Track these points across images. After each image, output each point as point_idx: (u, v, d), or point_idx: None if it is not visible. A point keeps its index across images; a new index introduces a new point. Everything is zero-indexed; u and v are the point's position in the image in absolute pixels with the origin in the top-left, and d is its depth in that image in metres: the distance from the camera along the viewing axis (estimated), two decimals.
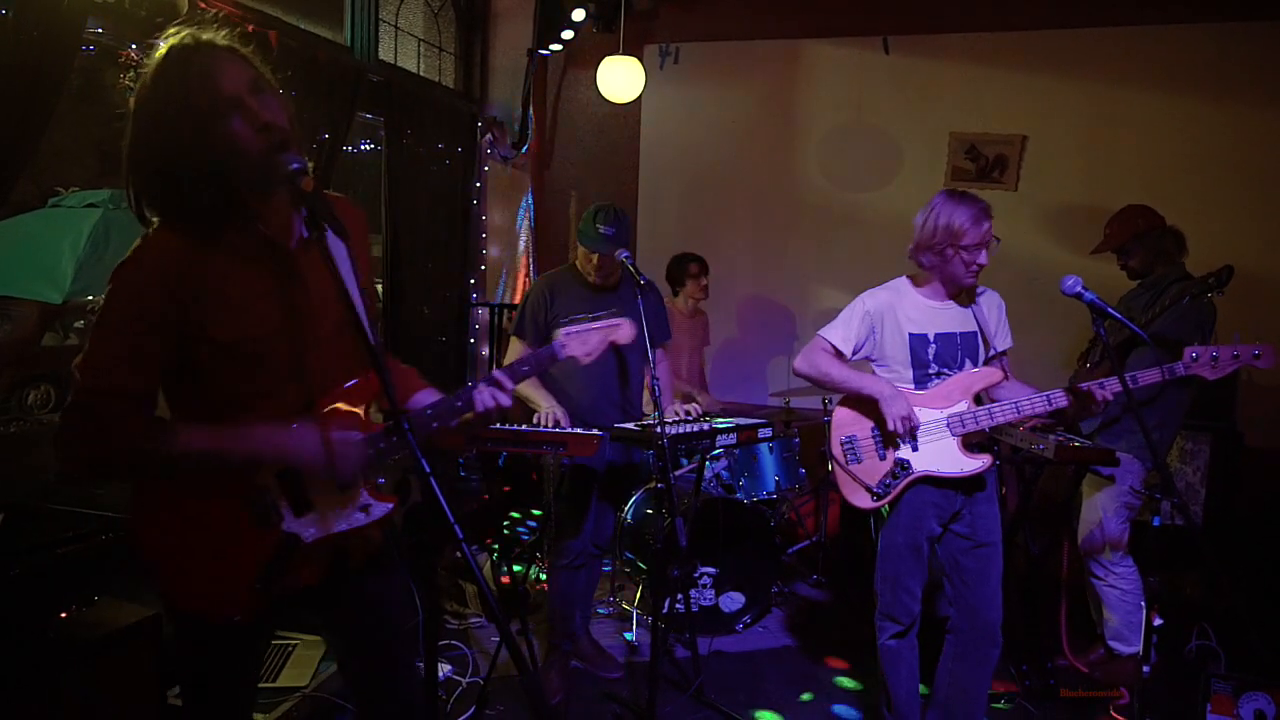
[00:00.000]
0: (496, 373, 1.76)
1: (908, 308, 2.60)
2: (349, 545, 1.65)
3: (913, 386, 2.59)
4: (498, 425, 2.78)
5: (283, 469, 1.54)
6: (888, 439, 2.58)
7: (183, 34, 1.48)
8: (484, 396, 1.72)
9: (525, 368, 1.84)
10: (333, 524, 1.58)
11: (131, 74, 2.93)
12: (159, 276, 1.44)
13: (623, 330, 1.99)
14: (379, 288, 5.10)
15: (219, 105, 1.43)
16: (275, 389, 1.55)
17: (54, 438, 1.43)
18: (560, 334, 1.93)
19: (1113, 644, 3.32)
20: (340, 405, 1.60)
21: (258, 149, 1.44)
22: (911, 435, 2.53)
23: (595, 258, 3.08)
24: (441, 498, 1.16)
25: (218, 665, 1.62)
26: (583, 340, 1.94)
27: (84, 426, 1.43)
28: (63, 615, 2.29)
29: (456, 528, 1.12)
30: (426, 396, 1.78)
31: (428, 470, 1.18)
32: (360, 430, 1.60)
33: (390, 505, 1.66)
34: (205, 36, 1.48)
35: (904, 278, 2.67)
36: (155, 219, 1.50)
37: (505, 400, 1.74)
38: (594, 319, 2.00)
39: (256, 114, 1.44)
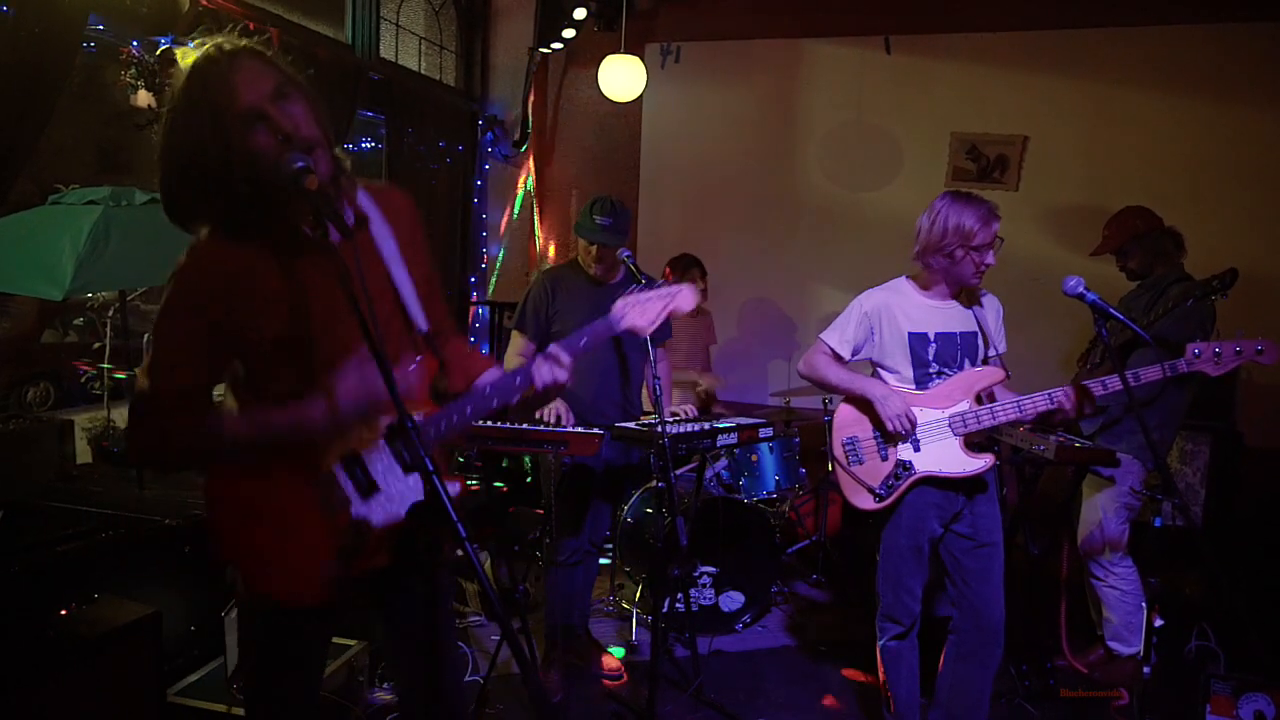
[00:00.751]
0: (553, 347, 1.71)
1: (907, 307, 2.59)
2: (407, 529, 1.66)
3: (913, 386, 2.58)
4: (497, 424, 2.78)
5: (347, 454, 1.57)
6: (889, 439, 2.58)
7: (207, 46, 1.48)
8: (543, 372, 1.70)
9: (584, 340, 1.76)
10: (401, 506, 1.60)
11: (133, 71, 2.94)
12: (214, 276, 1.48)
13: (684, 296, 1.84)
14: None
15: (240, 118, 1.44)
16: (324, 378, 1.55)
17: (125, 436, 1.52)
18: (618, 304, 1.81)
19: (1112, 644, 3.33)
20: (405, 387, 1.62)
21: (276, 158, 1.44)
22: (910, 433, 2.53)
23: (595, 249, 3.07)
24: (445, 496, 1.16)
25: (293, 649, 1.66)
26: (643, 310, 1.80)
27: (149, 428, 1.50)
28: (63, 613, 2.28)
29: (460, 526, 1.11)
30: (492, 375, 1.77)
31: (430, 469, 1.17)
32: (425, 411, 1.63)
33: (458, 485, 1.65)
34: (228, 46, 1.48)
35: (904, 278, 2.67)
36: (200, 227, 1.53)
37: (563, 376, 1.71)
38: (654, 284, 1.88)
39: (278, 124, 1.45)
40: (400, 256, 1.65)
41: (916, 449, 2.55)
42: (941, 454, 2.53)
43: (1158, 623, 2.45)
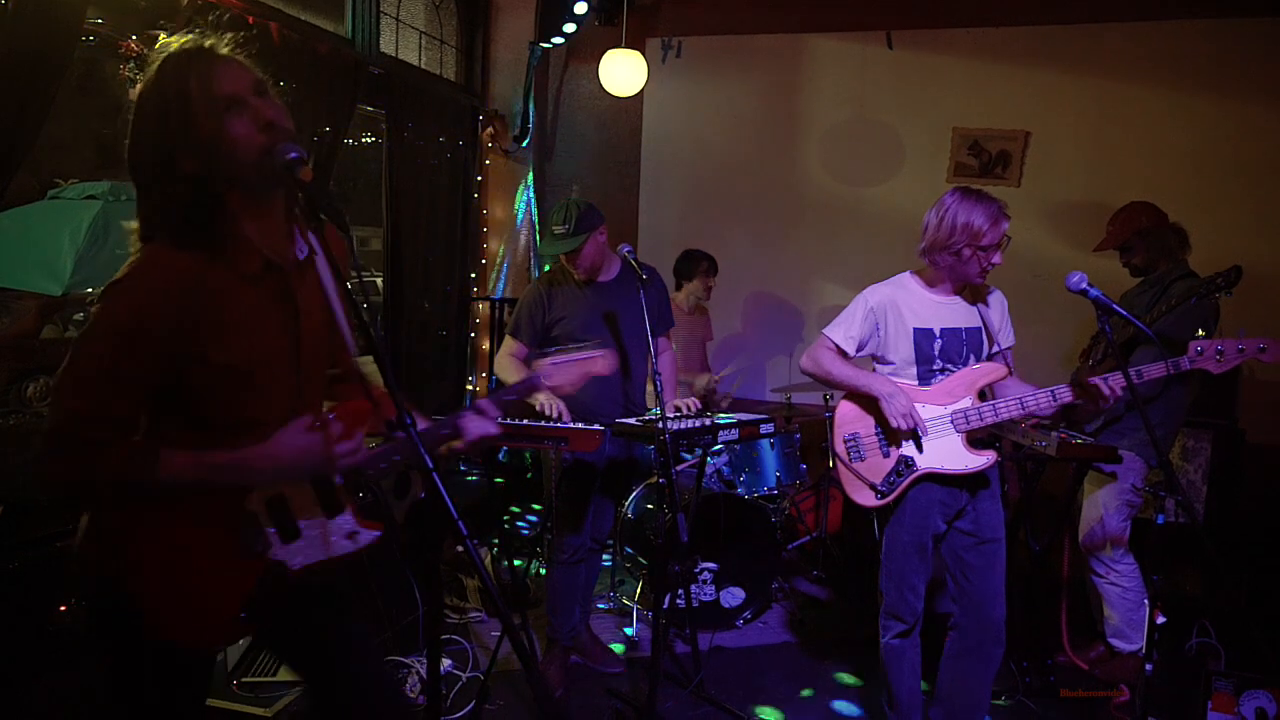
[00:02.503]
0: (481, 402, 1.78)
1: (912, 302, 2.58)
2: (335, 572, 1.59)
3: (917, 382, 2.57)
4: (503, 421, 2.77)
5: (271, 495, 1.50)
6: (891, 436, 2.57)
7: (185, 39, 1.46)
8: (473, 426, 1.73)
9: (510, 396, 1.91)
10: (320, 551, 1.54)
11: (132, 65, 2.93)
12: (160, 296, 1.38)
13: (600, 364, 2.10)
14: (379, 282, 5.10)
15: (217, 103, 1.41)
16: (270, 413, 1.50)
17: (34, 463, 1.37)
18: (545, 364, 2.03)
19: (1113, 641, 3.32)
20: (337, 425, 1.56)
21: (258, 146, 1.41)
22: (913, 434, 2.52)
23: (562, 257, 3.08)
24: (445, 494, 1.15)
25: (184, 692, 1.54)
26: (564, 372, 2.04)
27: (67, 454, 1.35)
28: (62, 609, 2.28)
29: (460, 523, 1.11)
30: (421, 425, 1.72)
31: (430, 466, 1.17)
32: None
33: (378, 533, 1.61)
34: (208, 43, 1.46)
35: (908, 273, 2.66)
36: (154, 234, 1.45)
37: (493, 429, 1.76)
38: (578, 348, 2.12)
39: (259, 111, 1.42)
40: (335, 292, 1.59)
41: (919, 446, 2.54)
42: (944, 451, 2.53)
43: (1160, 620, 2.44)
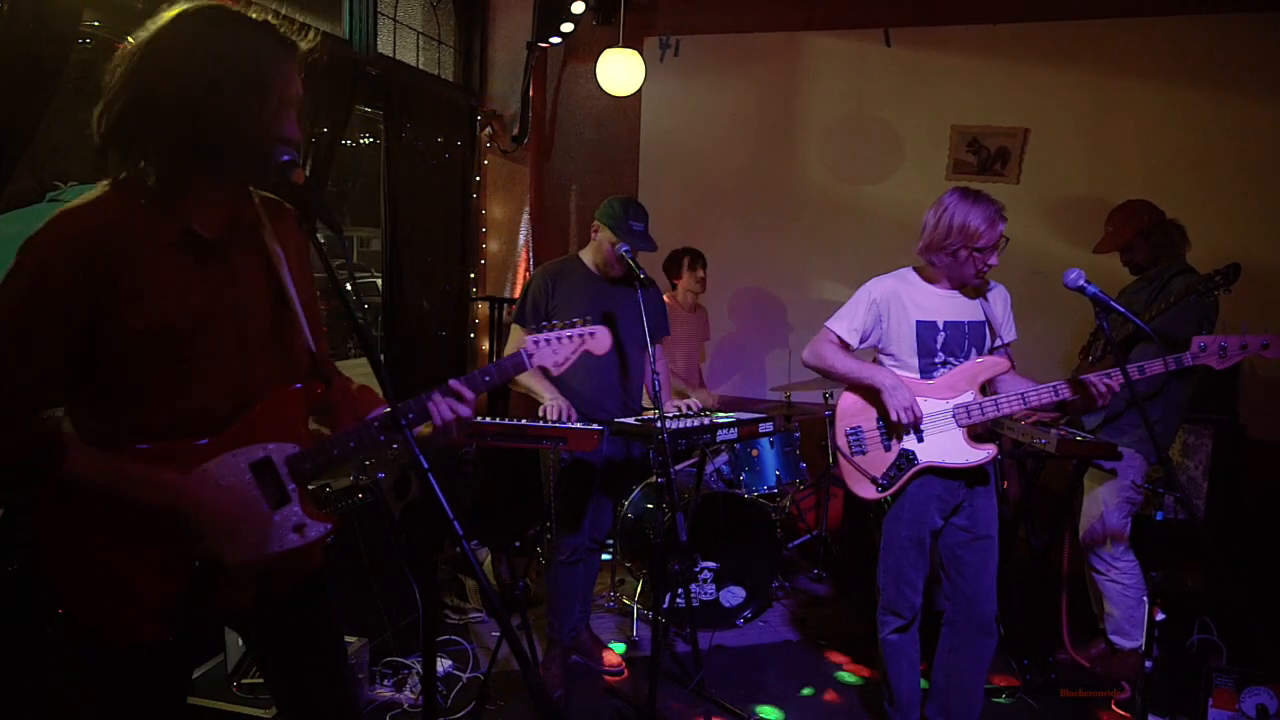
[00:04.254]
0: (453, 382, 1.61)
1: (916, 295, 2.58)
2: (282, 568, 1.53)
3: (918, 375, 2.57)
4: (501, 420, 2.77)
5: None
6: (892, 430, 2.57)
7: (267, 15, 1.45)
8: (441, 408, 1.58)
9: (487, 377, 1.70)
10: (262, 547, 1.46)
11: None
12: (74, 253, 1.31)
13: (597, 340, 1.85)
14: (378, 282, 5.09)
15: (287, 102, 1.42)
16: (195, 387, 1.43)
17: None
18: (528, 341, 1.80)
19: (1114, 638, 3.32)
20: (275, 411, 1.51)
21: (285, 149, 1.42)
22: (915, 427, 2.52)
23: (608, 249, 3.07)
24: (440, 494, 1.14)
25: (135, 693, 1.46)
26: (553, 349, 1.79)
27: None
28: (60, 611, 2.27)
29: (456, 524, 1.10)
30: (380, 410, 1.64)
31: (425, 466, 1.16)
32: (296, 440, 1.52)
33: (328, 525, 1.53)
34: (297, 39, 1.46)
35: (909, 268, 2.66)
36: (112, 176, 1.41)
37: (465, 411, 1.60)
38: (568, 325, 1.84)
39: (294, 125, 1.44)
40: (290, 275, 1.54)
41: (920, 439, 2.54)
42: (945, 444, 2.53)
43: (1160, 617, 2.44)
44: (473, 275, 5.36)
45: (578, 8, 4.98)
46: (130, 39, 1.41)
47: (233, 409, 1.47)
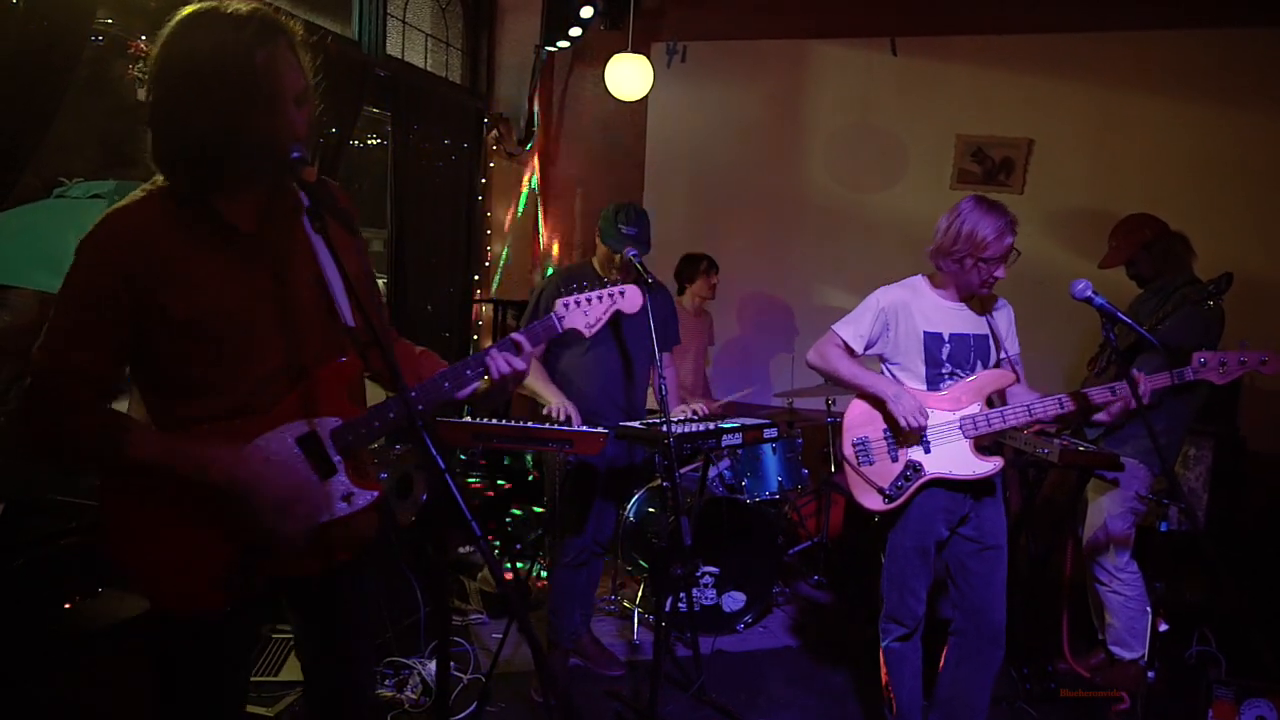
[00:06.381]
0: (514, 335, 1.68)
1: (924, 306, 2.59)
2: (333, 537, 1.59)
3: (924, 386, 2.58)
4: (504, 421, 2.78)
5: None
6: (900, 440, 2.58)
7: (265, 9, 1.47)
8: (499, 362, 1.65)
9: (534, 333, 1.73)
10: (315, 515, 1.53)
11: (140, 65, 2.93)
12: (116, 251, 1.41)
13: (628, 299, 1.82)
14: (381, 283, 5.10)
15: (303, 94, 1.46)
16: (242, 370, 1.50)
17: (12, 416, 1.45)
18: (558, 303, 1.79)
19: (1114, 649, 3.32)
20: (322, 387, 1.57)
21: (296, 144, 1.45)
22: (923, 431, 2.52)
23: (617, 258, 3.06)
24: (457, 493, 1.15)
25: (194, 663, 1.54)
26: (584, 310, 1.79)
27: (40, 408, 1.40)
28: (66, 606, 2.28)
29: (474, 524, 1.11)
30: (441, 371, 1.71)
31: (442, 467, 1.17)
32: (343, 414, 1.57)
33: (375, 493, 1.59)
34: (292, 27, 1.48)
35: (920, 276, 2.67)
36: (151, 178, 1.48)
37: (521, 365, 1.66)
38: (598, 286, 1.84)
39: (301, 119, 1.48)
40: (332, 254, 1.57)
41: (927, 450, 2.55)
42: (951, 456, 2.53)
43: (1162, 627, 2.45)
44: (476, 277, 5.38)
45: (586, 12, 4.99)
46: (145, 41, 1.45)
47: (280, 388, 1.53)
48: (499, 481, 4.48)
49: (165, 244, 1.43)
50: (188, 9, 1.44)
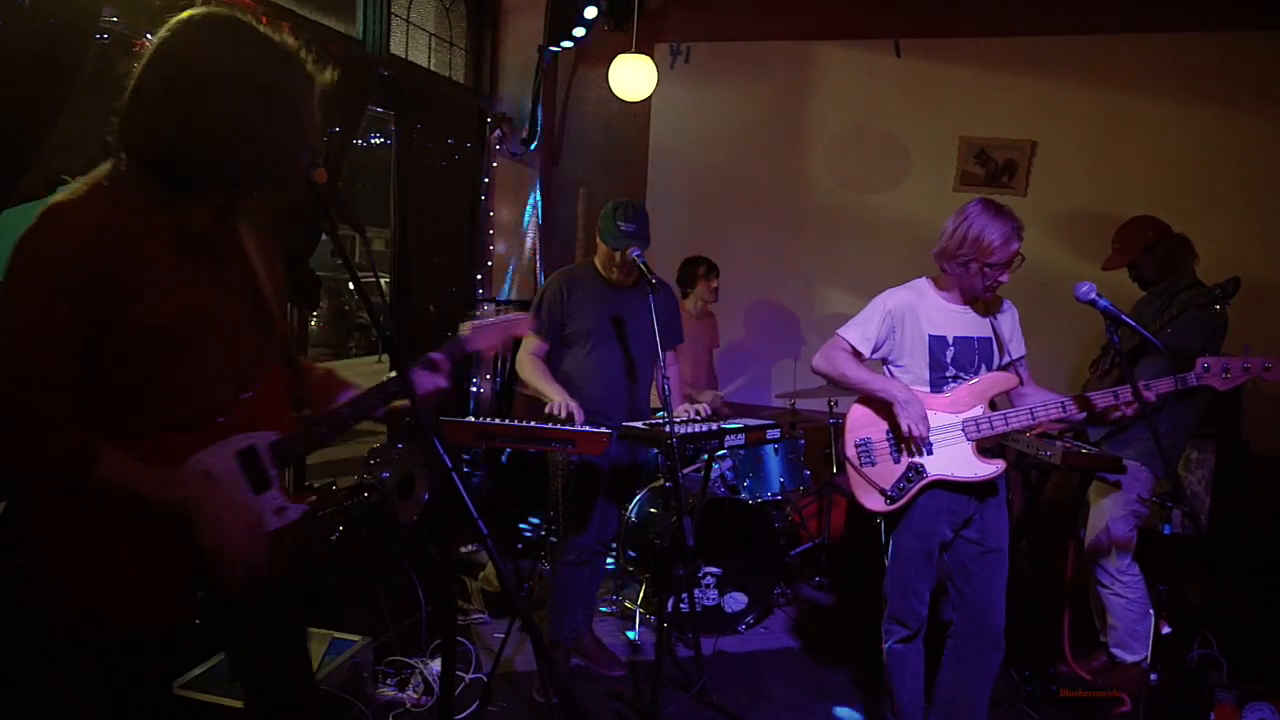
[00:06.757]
0: (432, 354, 1.79)
1: (929, 309, 2.59)
2: (273, 550, 1.56)
3: (928, 389, 2.58)
4: (507, 421, 2.78)
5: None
6: (902, 442, 2.58)
7: (308, 53, 1.48)
8: (423, 380, 1.73)
9: (449, 353, 1.86)
10: (251, 531, 1.50)
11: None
12: (80, 246, 1.31)
13: (520, 325, 2.08)
14: (383, 282, 5.10)
15: (308, 143, 1.47)
16: (193, 379, 1.46)
17: None
18: (468, 326, 1.98)
19: (1115, 651, 3.32)
20: (262, 400, 1.57)
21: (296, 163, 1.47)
22: (925, 439, 2.53)
23: (617, 255, 3.06)
24: (465, 494, 1.15)
25: (131, 684, 1.47)
26: (486, 334, 1.98)
27: (7, 423, 1.29)
28: (58, 604, 2.27)
29: (481, 523, 1.11)
30: (352, 391, 1.74)
31: (449, 466, 1.17)
32: (281, 426, 1.58)
33: (305, 507, 1.60)
34: (324, 75, 1.51)
35: (925, 279, 2.66)
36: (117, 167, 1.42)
37: (443, 382, 1.76)
38: (501, 317, 2.06)
39: (311, 165, 1.47)
40: (261, 261, 1.59)
41: (929, 452, 2.55)
42: (954, 458, 2.53)
43: (1165, 630, 2.45)
44: (479, 277, 5.38)
45: (590, 13, 4.99)
46: (150, 39, 1.43)
47: (223, 400, 1.50)
48: (500, 481, 4.48)
49: (126, 244, 1.36)
50: (208, 10, 1.42)
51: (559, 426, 2.80)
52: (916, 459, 2.55)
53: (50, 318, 1.30)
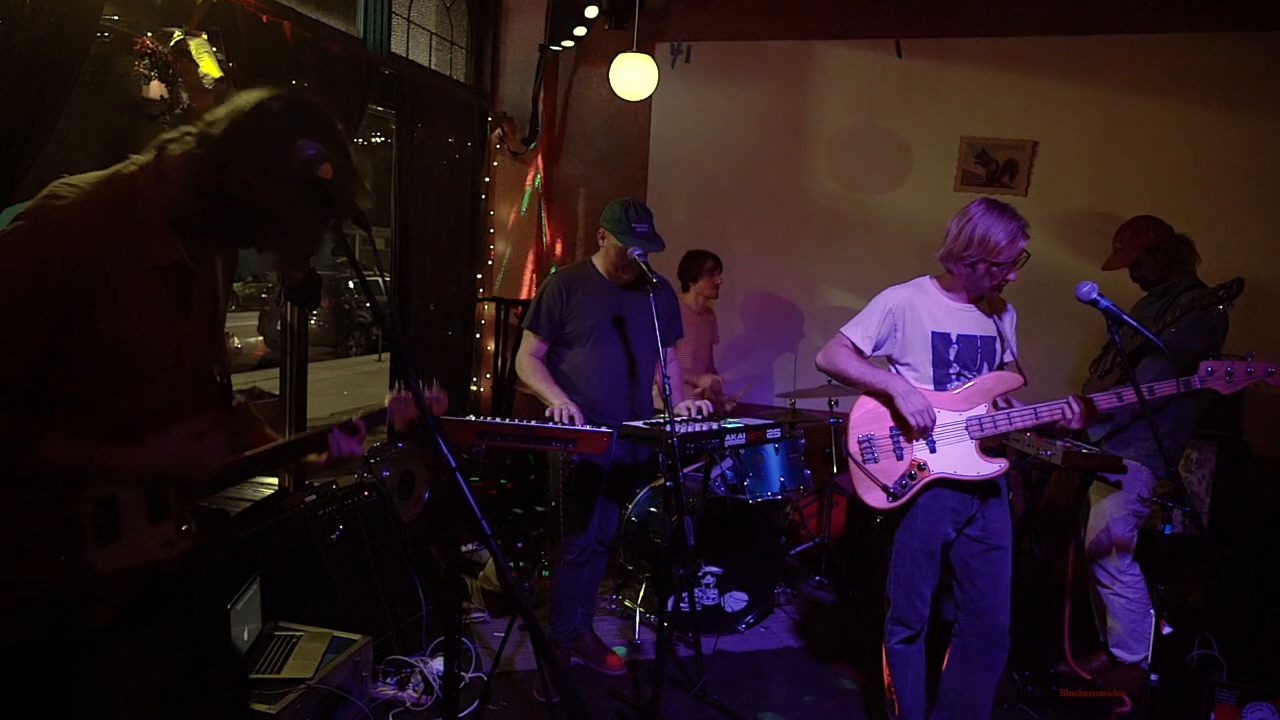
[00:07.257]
0: (354, 419, 1.84)
1: (931, 306, 2.59)
2: (149, 579, 1.56)
3: (933, 386, 2.58)
4: (505, 420, 2.78)
5: (101, 496, 1.46)
6: (906, 438, 2.58)
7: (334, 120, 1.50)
8: (342, 444, 1.77)
9: (371, 423, 1.93)
10: (134, 555, 1.50)
11: (146, 62, 2.94)
12: (64, 255, 1.33)
13: (439, 406, 2.10)
14: (380, 281, 5.09)
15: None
16: (139, 398, 1.48)
17: None
18: (388, 398, 2.01)
19: (1116, 652, 3.32)
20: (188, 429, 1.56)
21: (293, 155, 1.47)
22: (930, 430, 2.52)
23: (615, 255, 3.07)
24: (469, 493, 1.15)
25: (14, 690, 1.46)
26: (406, 407, 2.02)
27: None
28: None
29: (484, 523, 1.11)
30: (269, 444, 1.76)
31: (454, 465, 1.17)
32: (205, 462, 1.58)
33: (192, 542, 1.62)
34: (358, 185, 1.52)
35: (929, 277, 2.67)
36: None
37: (357, 449, 1.81)
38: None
39: (318, 160, 1.47)
40: (225, 282, 1.61)
41: (933, 450, 2.55)
42: (957, 456, 2.53)
43: (1166, 630, 2.45)
44: (480, 276, 5.38)
45: (590, 12, 4.99)
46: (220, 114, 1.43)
47: (153, 424, 1.50)
48: (500, 481, 4.48)
49: (112, 257, 1.38)
50: (293, 97, 1.46)
51: (561, 426, 2.80)
52: (920, 456, 2.55)
53: (17, 315, 1.32)
